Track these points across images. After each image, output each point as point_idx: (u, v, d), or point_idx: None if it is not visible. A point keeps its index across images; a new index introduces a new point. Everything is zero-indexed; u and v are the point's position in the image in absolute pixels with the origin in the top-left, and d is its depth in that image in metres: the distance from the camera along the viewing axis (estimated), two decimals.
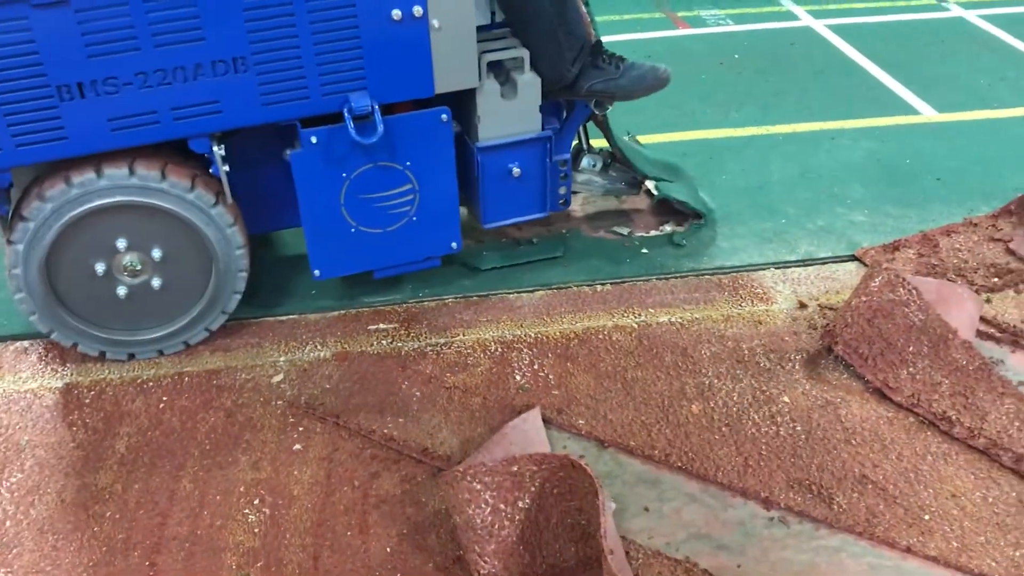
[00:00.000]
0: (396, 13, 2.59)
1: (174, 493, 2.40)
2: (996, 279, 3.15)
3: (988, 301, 3.05)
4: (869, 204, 3.63)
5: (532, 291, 3.16)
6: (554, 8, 2.85)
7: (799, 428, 2.58)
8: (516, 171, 3.08)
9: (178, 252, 2.75)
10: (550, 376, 2.77)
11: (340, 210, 2.85)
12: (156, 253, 2.72)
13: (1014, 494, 2.36)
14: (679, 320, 3.01)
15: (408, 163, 2.85)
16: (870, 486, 2.40)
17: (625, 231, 3.47)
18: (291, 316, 3.05)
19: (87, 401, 2.70)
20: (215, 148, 2.63)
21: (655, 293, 3.15)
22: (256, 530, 2.30)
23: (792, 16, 5.56)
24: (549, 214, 3.29)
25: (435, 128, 2.84)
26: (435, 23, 2.66)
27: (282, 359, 2.86)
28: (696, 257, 3.32)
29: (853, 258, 3.31)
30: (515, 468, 2.12)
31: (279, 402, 2.69)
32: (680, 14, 5.65)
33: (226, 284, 2.83)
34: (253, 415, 2.64)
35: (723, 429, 2.58)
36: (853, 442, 2.54)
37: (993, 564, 2.18)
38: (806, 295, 3.12)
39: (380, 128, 2.68)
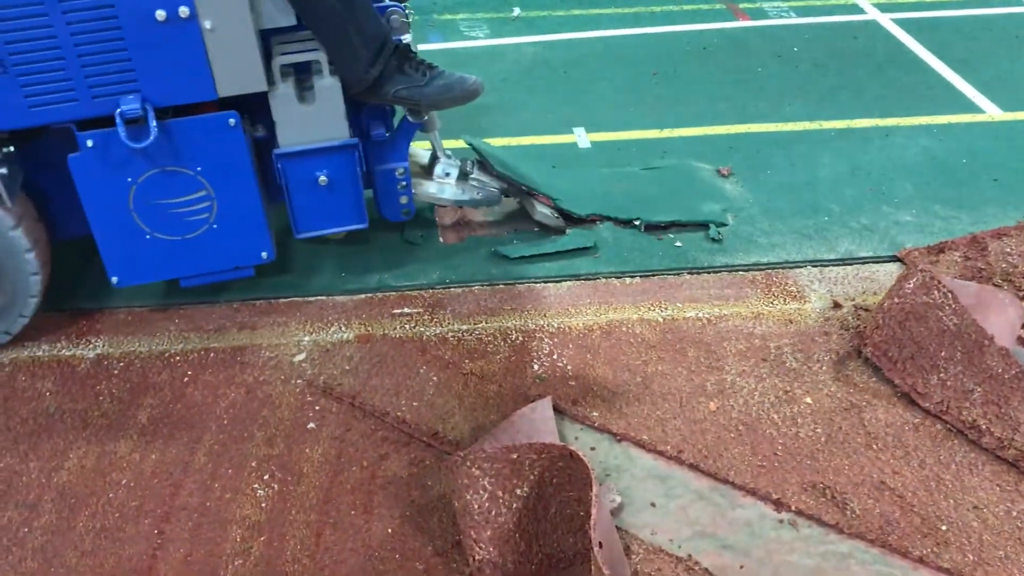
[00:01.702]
0: (160, 14, 2.48)
1: (188, 465, 2.46)
2: None
3: None
4: (918, 204, 3.50)
5: (559, 281, 3.14)
6: (342, 5, 2.68)
7: (819, 430, 2.52)
8: (323, 179, 2.91)
9: None
10: (568, 367, 2.75)
11: (131, 215, 2.75)
12: None
13: None
14: (707, 316, 2.96)
15: (199, 168, 2.73)
16: (887, 493, 2.32)
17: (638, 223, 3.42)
18: (319, 297, 3.09)
19: (116, 372, 2.78)
20: None
21: (685, 287, 3.10)
22: (263, 505, 2.34)
23: (858, 9, 5.40)
24: (367, 226, 3.07)
25: (223, 133, 2.70)
26: (207, 24, 2.53)
27: (306, 339, 2.90)
28: (731, 252, 3.26)
29: (895, 259, 3.20)
30: (515, 456, 2.11)
31: (298, 381, 2.73)
32: (742, 6, 5.53)
33: (19, 289, 2.77)
34: (272, 392, 2.69)
35: (740, 428, 2.53)
36: (874, 447, 2.46)
37: None
38: (842, 295, 3.04)
39: (153, 132, 2.56)
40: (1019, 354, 2.72)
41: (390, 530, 2.27)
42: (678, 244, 3.31)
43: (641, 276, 3.16)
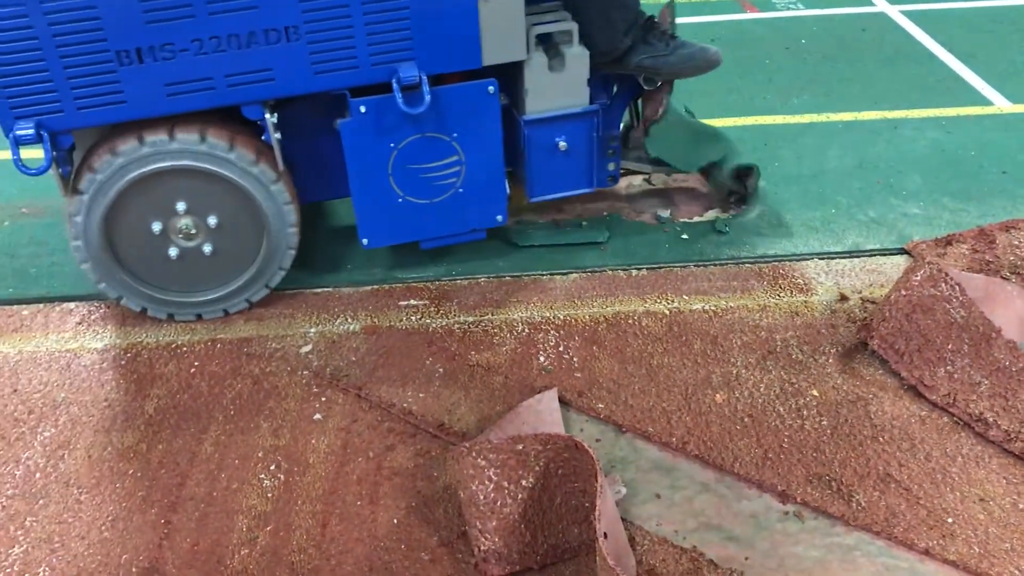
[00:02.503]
0: None
1: (195, 455, 2.47)
2: None
3: None
4: (926, 196, 3.49)
5: (566, 274, 3.14)
6: None
7: (825, 423, 2.51)
8: (563, 145, 3.06)
9: (233, 221, 2.83)
10: (574, 359, 2.75)
11: (388, 180, 2.89)
12: (212, 220, 2.80)
13: None
14: (713, 308, 2.95)
15: (455, 135, 2.87)
16: (893, 485, 2.32)
17: (666, 214, 3.42)
18: (325, 289, 3.09)
19: (123, 363, 2.79)
20: (267, 116, 2.68)
21: (691, 280, 3.09)
22: (270, 495, 2.35)
23: (867, 1, 5.37)
24: (596, 190, 3.26)
25: (482, 100, 2.85)
26: None
27: (312, 330, 2.90)
28: (737, 245, 3.25)
29: (902, 251, 3.19)
30: (520, 447, 2.11)
31: (305, 372, 2.73)
32: None
33: (274, 258, 2.91)
34: (279, 383, 2.70)
35: (745, 420, 2.52)
36: (881, 439, 2.45)
37: (1016, 572, 2.09)
38: (849, 288, 3.03)
39: (427, 99, 2.70)
40: None
41: (396, 520, 2.27)
42: (684, 237, 3.30)
43: (647, 268, 3.15)
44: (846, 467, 2.37)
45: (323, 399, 2.64)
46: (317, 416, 2.58)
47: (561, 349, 2.79)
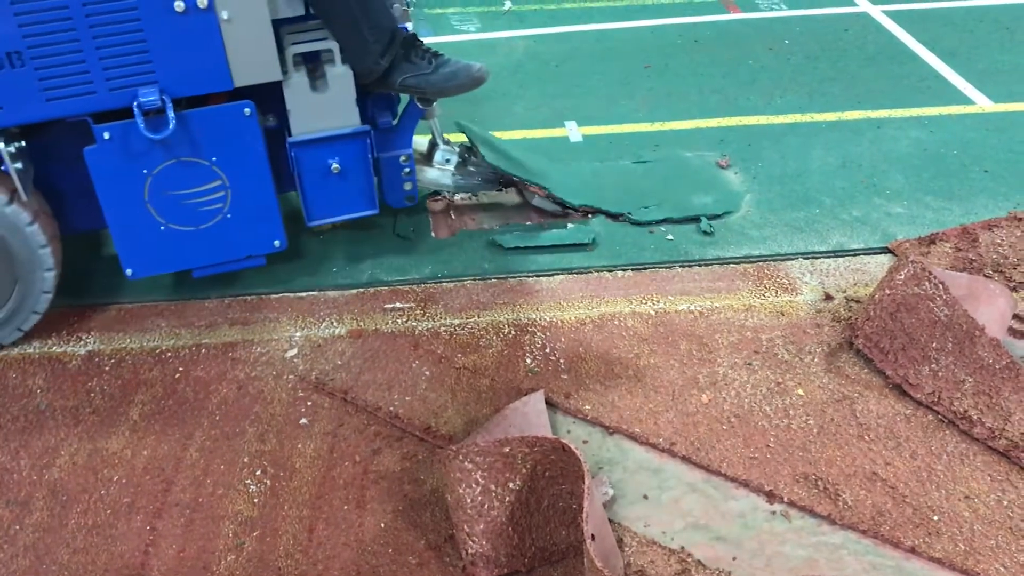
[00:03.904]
0: (179, 5, 2.49)
1: (180, 461, 2.45)
2: None
3: None
4: (909, 195, 3.51)
5: (552, 275, 3.14)
6: (356, 1, 2.73)
7: (811, 422, 2.52)
8: (335, 167, 2.93)
9: None
10: (561, 360, 2.75)
11: (146, 207, 2.74)
12: None
13: None
14: (698, 308, 2.96)
15: (214, 158, 2.74)
16: (879, 484, 2.33)
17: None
18: (310, 293, 3.08)
19: (107, 369, 2.77)
20: (1, 145, 2.53)
21: (677, 280, 3.10)
22: (256, 500, 2.34)
23: (849, 1, 5.39)
24: (377, 212, 3.11)
25: (239, 123, 2.72)
26: (224, 15, 2.55)
27: (298, 334, 2.89)
28: (723, 245, 3.26)
29: (886, 250, 3.21)
30: (507, 450, 2.11)
31: (290, 376, 2.72)
32: None
33: (32, 285, 2.78)
34: (264, 388, 2.68)
35: (732, 420, 2.53)
36: (866, 438, 2.47)
37: (1001, 569, 2.11)
38: (833, 287, 3.04)
39: (171, 124, 2.57)
40: (1009, 344, 2.73)
41: (383, 525, 2.26)
42: (670, 237, 3.31)
43: (633, 269, 3.16)
44: (832, 466, 2.38)
45: (309, 403, 2.63)
46: (303, 421, 2.57)
47: (548, 351, 2.79)
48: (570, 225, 3.38)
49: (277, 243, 2.96)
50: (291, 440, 2.51)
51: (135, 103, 2.57)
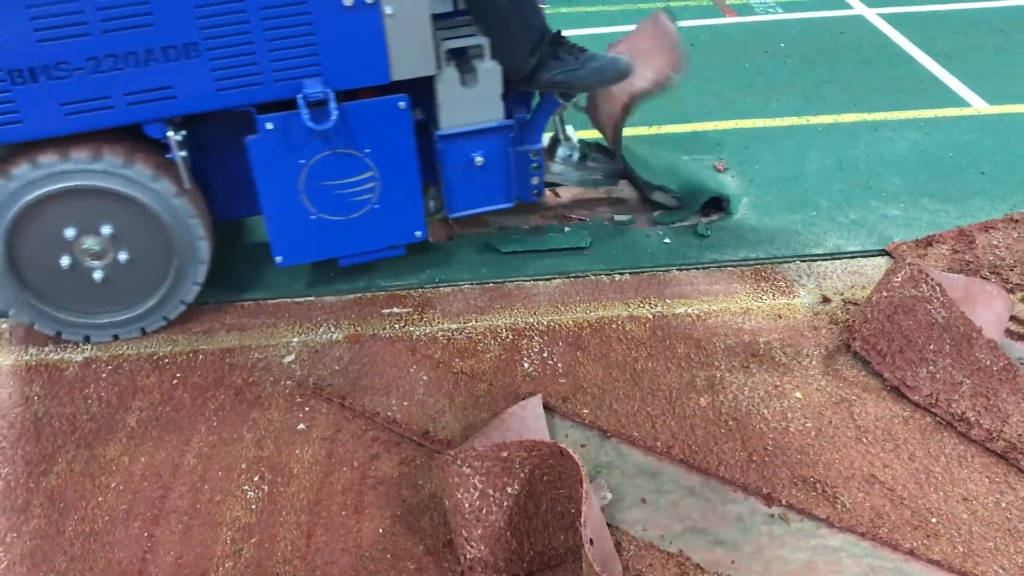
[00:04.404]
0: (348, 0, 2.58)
1: (178, 467, 2.45)
2: None
3: (1023, 300, 2.93)
4: (905, 198, 3.51)
5: (549, 279, 3.14)
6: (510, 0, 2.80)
7: (809, 425, 2.52)
8: (479, 160, 3.02)
9: (139, 239, 2.78)
10: (558, 364, 2.75)
11: (300, 197, 2.84)
12: (117, 239, 2.75)
13: None
14: (696, 312, 2.96)
15: (367, 150, 2.83)
16: (877, 486, 2.33)
17: (626, 219, 3.43)
18: (308, 298, 3.08)
19: (104, 375, 2.77)
20: (171, 134, 2.63)
21: (674, 284, 3.10)
22: (254, 506, 2.33)
23: (844, 4, 5.41)
24: (513, 206, 3.19)
25: (393, 115, 2.81)
26: (388, 9, 2.62)
27: (295, 340, 2.89)
28: (719, 248, 3.26)
29: (883, 253, 3.21)
30: (505, 454, 2.11)
31: (288, 382, 2.72)
32: (729, 2, 5.55)
33: (186, 275, 2.86)
34: (262, 394, 2.68)
35: (730, 423, 2.53)
36: (864, 441, 2.46)
37: (1000, 571, 2.10)
38: (831, 289, 3.04)
39: (334, 115, 2.66)
40: (1007, 346, 2.73)
41: (381, 530, 2.26)
42: (667, 241, 3.31)
43: (630, 273, 3.16)
44: (830, 469, 2.38)
45: (307, 409, 2.62)
46: (301, 426, 2.57)
47: (545, 355, 2.79)
48: (567, 229, 3.38)
49: (418, 233, 3.05)
50: (289, 446, 2.50)
51: (300, 94, 2.65)
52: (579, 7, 5.47)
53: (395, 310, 3.02)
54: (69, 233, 2.72)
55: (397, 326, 2.94)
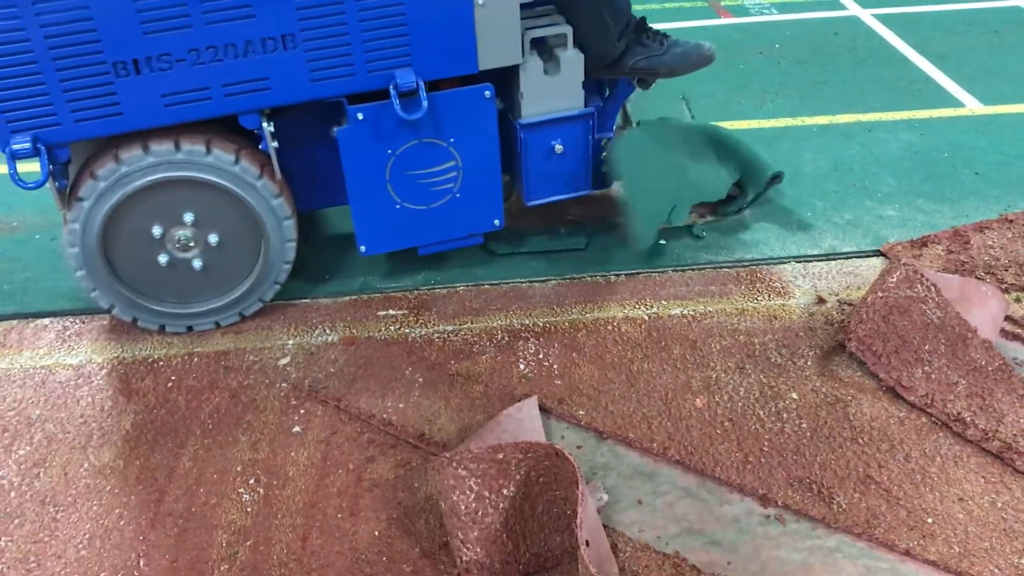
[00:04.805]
0: None
1: (173, 470, 2.44)
2: None
3: (1018, 300, 2.94)
4: (900, 198, 3.52)
5: (545, 281, 3.14)
6: None
7: (805, 425, 2.52)
8: (559, 148, 3.06)
9: (229, 226, 2.81)
10: (554, 366, 2.75)
11: (386, 186, 2.89)
12: (211, 231, 2.80)
13: None
14: (691, 313, 2.96)
15: (452, 140, 2.88)
16: (873, 486, 2.33)
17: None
18: (303, 300, 3.08)
19: (98, 378, 2.76)
20: (264, 124, 2.68)
21: (669, 285, 3.10)
22: (249, 509, 2.32)
23: (839, 5, 5.42)
24: (591, 192, 3.25)
25: (479, 105, 2.85)
26: (479, 0, 2.67)
27: (290, 342, 2.89)
28: (715, 249, 3.26)
29: (878, 253, 3.21)
30: (501, 456, 2.11)
31: (283, 384, 2.71)
32: (723, 3, 5.55)
33: (271, 272, 2.90)
34: (257, 396, 2.67)
35: (726, 424, 2.53)
36: (860, 441, 2.46)
37: (996, 571, 2.10)
38: (826, 290, 3.04)
39: (425, 104, 2.71)
40: (1002, 346, 2.74)
41: (377, 533, 2.26)
42: (662, 242, 3.31)
43: (625, 274, 3.16)
44: (826, 469, 2.38)
45: (302, 411, 2.62)
46: (296, 429, 2.56)
47: (541, 356, 2.79)
48: (562, 230, 3.38)
49: (497, 222, 3.08)
50: (284, 448, 2.50)
51: (392, 84, 2.68)
52: None
53: (391, 312, 3.01)
54: (166, 223, 2.77)
55: (393, 328, 2.93)
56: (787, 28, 5.17)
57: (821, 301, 2.99)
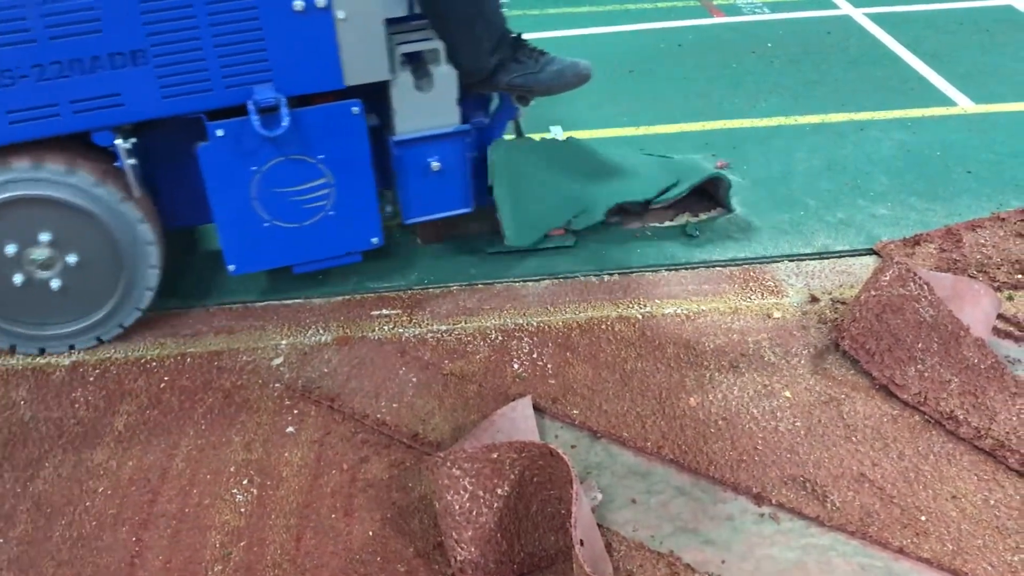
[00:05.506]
0: (298, 4, 2.55)
1: (166, 471, 2.44)
2: (1020, 276, 3.04)
3: (1010, 299, 2.95)
4: (893, 197, 3.53)
5: (538, 280, 3.14)
6: (470, 0, 2.78)
7: (799, 424, 2.52)
8: (435, 165, 3.00)
9: (87, 247, 2.73)
10: (548, 365, 2.75)
11: (252, 204, 2.81)
12: (65, 247, 2.71)
13: (1018, 497, 2.28)
14: (685, 312, 2.96)
15: (321, 156, 2.80)
16: (867, 485, 2.33)
17: (614, 219, 3.42)
18: (296, 300, 3.07)
19: (91, 379, 2.75)
20: (119, 141, 2.59)
21: (663, 284, 3.10)
22: (242, 510, 2.32)
23: (831, 4, 5.43)
24: (472, 210, 3.18)
25: (347, 121, 2.78)
26: (340, 14, 2.60)
27: (284, 342, 2.88)
28: (708, 248, 3.27)
29: (871, 252, 3.22)
30: (495, 455, 2.10)
31: (277, 384, 2.71)
32: (716, 2, 5.56)
33: (138, 281, 2.82)
34: (250, 397, 2.67)
35: (719, 423, 2.53)
36: (854, 439, 2.47)
37: (989, 568, 2.11)
38: (819, 289, 3.05)
39: (286, 121, 2.63)
40: (994, 344, 2.75)
41: (371, 533, 2.25)
42: (656, 241, 3.31)
43: (619, 273, 3.16)
44: (820, 468, 2.39)
45: (295, 412, 2.61)
46: (290, 429, 2.56)
47: (535, 356, 2.79)
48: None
49: (375, 240, 3.03)
50: (278, 449, 2.49)
51: (251, 101, 2.62)
52: (567, 8, 5.47)
53: (384, 312, 3.01)
54: (11, 249, 2.67)
55: (386, 328, 2.93)
56: (779, 27, 5.18)
57: (814, 300, 3.00)
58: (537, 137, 3.41)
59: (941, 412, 2.52)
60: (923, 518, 2.24)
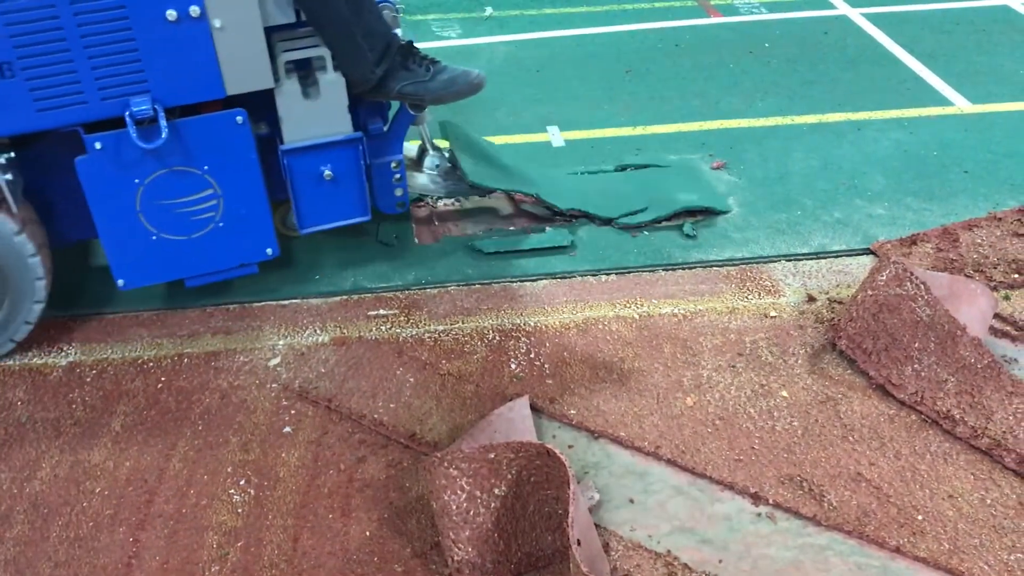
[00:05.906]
0: (171, 14, 2.50)
1: (163, 472, 2.44)
2: (1017, 275, 3.05)
3: (1007, 298, 2.95)
4: (890, 197, 3.53)
5: (536, 280, 3.14)
6: (349, 9, 2.71)
7: (796, 423, 2.53)
8: (328, 174, 2.94)
9: None
10: (545, 365, 2.75)
11: (137, 217, 2.74)
12: None
13: (1014, 496, 2.29)
14: (682, 312, 2.96)
15: (206, 167, 2.74)
16: (864, 484, 2.34)
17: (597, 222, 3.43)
18: (293, 300, 3.07)
19: (88, 380, 2.75)
20: None
21: (660, 284, 3.10)
22: (240, 510, 2.32)
23: (828, 4, 5.43)
24: (370, 218, 3.12)
25: (231, 131, 2.72)
26: (217, 23, 2.55)
27: (281, 343, 2.88)
28: (705, 248, 3.27)
29: (868, 251, 3.22)
30: (492, 455, 2.10)
31: (274, 385, 2.71)
32: (713, 2, 5.56)
33: (24, 295, 2.76)
34: (247, 397, 2.67)
35: (717, 422, 2.53)
36: (851, 439, 2.47)
37: (985, 567, 2.11)
38: (816, 288, 3.05)
39: (164, 133, 2.58)
40: (991, 343, 2.75)
41: (368, 533, 2.25)
42: (653, 241, 3.31)
43: (616, 273, 3.16)
44: (817, 467, 2.39)
45: (292, 412, 2.61)
46: (287, 429, 2.55)
47: (532, 356, 2.79)
48: (548, 229, 3.38)
49: (269, 251, 2.96)
50: (275, 449, 2.49)
51: (127, 113, 2.55)
52: (564, 8, 5.47)
53: (381, 312, 3.01)
54: None
55: (383, 328, 2.93)
56: (777, 27, 5.18)
57: (811, 299, 3.00)
58: (536, 138, 3.43)
59: (938, 411, 2.52)
60: (920, 517, 2.25)
